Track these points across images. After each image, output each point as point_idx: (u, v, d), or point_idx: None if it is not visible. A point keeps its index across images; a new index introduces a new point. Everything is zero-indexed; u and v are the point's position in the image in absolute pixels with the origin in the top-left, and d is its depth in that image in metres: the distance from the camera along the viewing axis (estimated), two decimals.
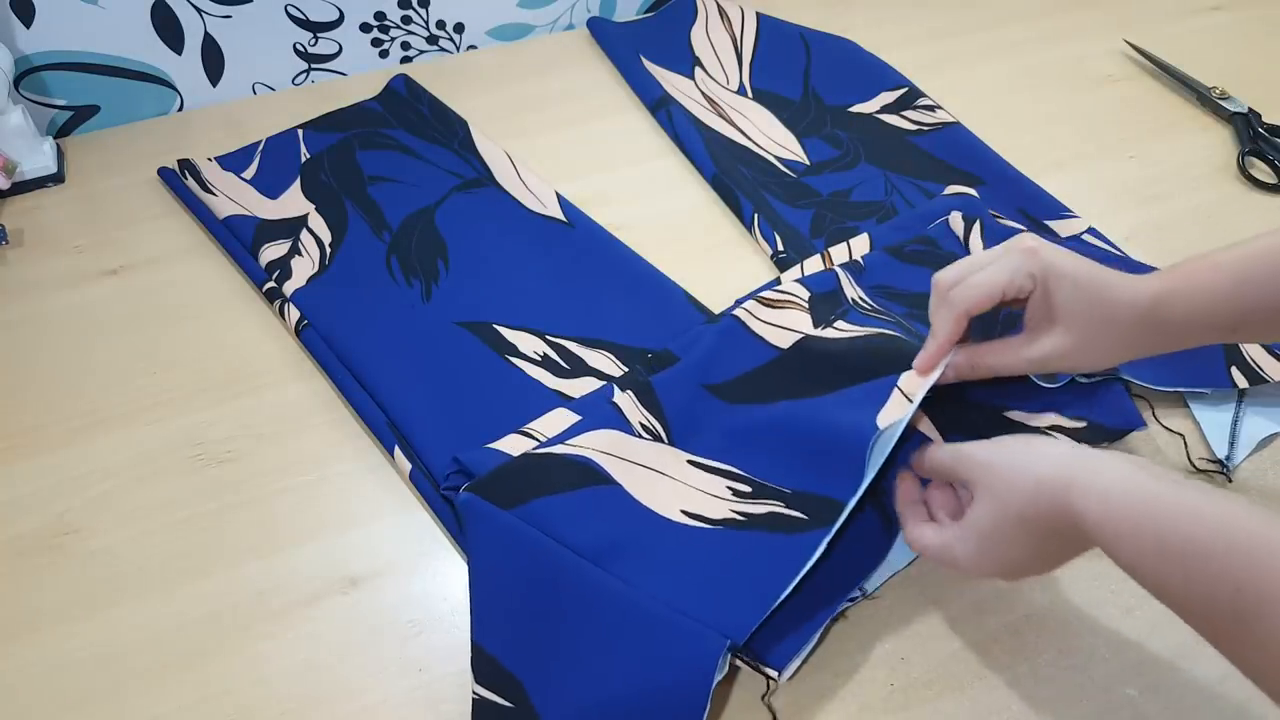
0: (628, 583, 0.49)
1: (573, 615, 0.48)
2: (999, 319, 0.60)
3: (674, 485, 0.54)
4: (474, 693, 0.47)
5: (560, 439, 0.56)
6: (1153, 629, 0.51)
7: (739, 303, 0.65)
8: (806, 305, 0.62)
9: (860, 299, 0.64)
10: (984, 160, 0.80)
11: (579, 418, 0.58)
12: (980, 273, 0.50)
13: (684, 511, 0.53)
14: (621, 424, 0.57)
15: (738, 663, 0.49)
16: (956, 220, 0.68)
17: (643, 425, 0.57)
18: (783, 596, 0.48)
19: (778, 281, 0.67)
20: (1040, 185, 0.77)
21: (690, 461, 0.56)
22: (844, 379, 0.56)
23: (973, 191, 0.74)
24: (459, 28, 0.96)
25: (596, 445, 0.55)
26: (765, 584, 0.49)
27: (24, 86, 0.82)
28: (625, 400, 0.58)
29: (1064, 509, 0.41)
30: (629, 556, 0.50)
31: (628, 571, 0.50)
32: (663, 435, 0.57)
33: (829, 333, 0.60)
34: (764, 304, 0.63)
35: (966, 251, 0.67)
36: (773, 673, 0.48)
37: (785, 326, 0.61)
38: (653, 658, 0.46)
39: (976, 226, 0.67)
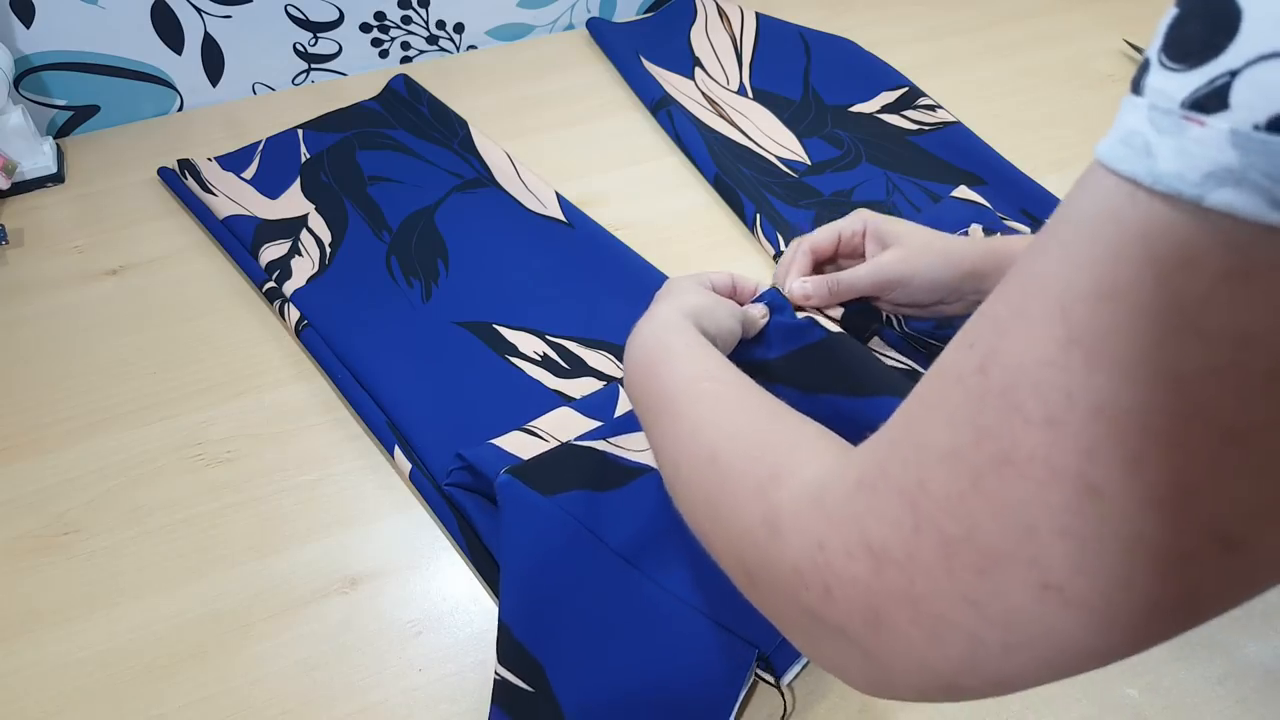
0: (658, 579, 0.49)
1: (602, 610, 0.48)
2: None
3: None
4: (495, 673, 0.47)
5: (599, 434, 0.55)
6: None
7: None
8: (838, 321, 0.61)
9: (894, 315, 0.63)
10: (985, 160, 0.80)
11: (583, 416, 0.58)
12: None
13: None
14: None
15: None
16: (976, 232, 0.68)
17: None
18: None
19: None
20: (1041, 185, 0.77)
21: None
22: (893, 380, 0.54)
23: (982, 200, 0.74)
24: (459, 28, 0.96)
25: (636, 446, 0.55)
26: None
27: (24, 86, 0.82)
28: None
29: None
30: (662, 553, 0.51)
31: (660, 567, 0.50)
32: None
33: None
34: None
35: None
36: (770, 678, 0.48)
37: (829, 316, 0.58)
38: (679, 661, 0.46)
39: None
